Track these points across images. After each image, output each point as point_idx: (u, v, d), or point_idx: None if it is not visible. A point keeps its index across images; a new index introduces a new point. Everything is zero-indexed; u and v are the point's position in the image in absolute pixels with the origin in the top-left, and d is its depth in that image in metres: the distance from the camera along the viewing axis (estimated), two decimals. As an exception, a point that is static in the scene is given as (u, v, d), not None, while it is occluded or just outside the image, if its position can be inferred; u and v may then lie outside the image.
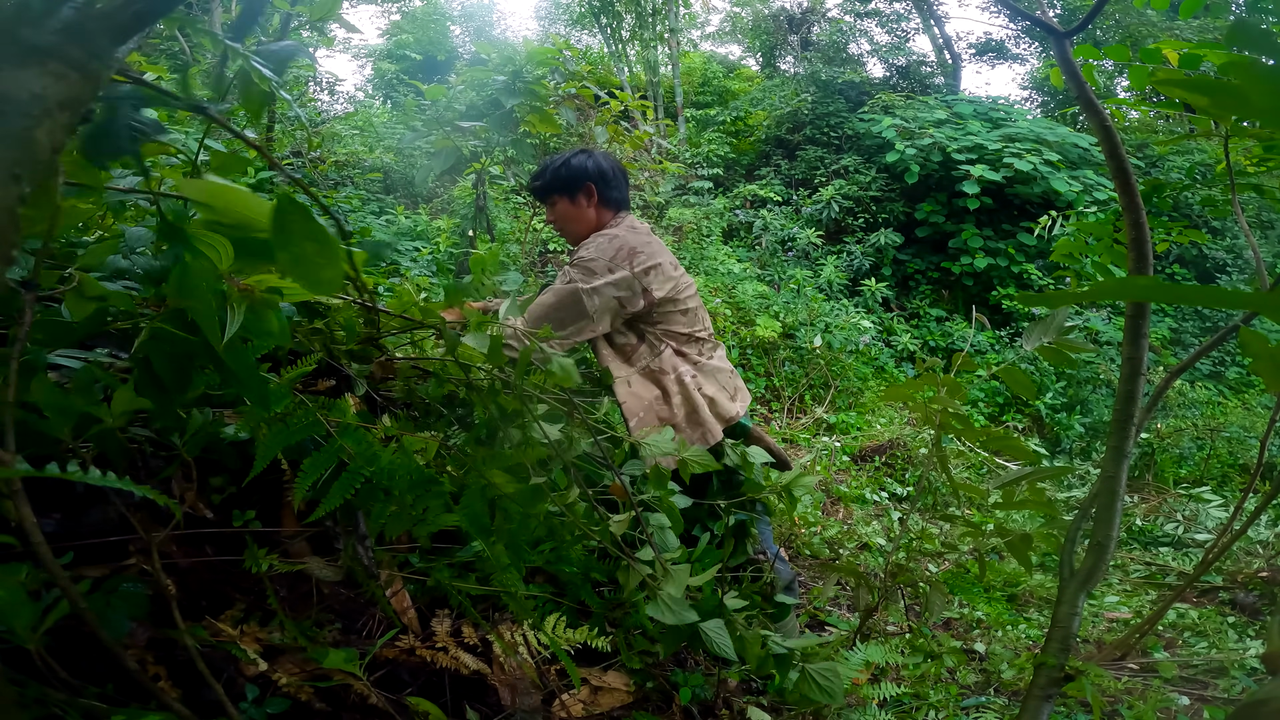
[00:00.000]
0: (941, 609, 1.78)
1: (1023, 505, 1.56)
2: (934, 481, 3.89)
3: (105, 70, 0.47)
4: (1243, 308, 0.38)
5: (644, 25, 10.61)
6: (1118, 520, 1.20)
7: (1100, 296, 0.43)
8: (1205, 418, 5.46)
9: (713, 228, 8.01)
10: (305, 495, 0.97)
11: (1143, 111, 5.13)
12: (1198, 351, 1.64)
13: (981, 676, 2.15)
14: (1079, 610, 1.21)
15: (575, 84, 4.12)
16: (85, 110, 0.53)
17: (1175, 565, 3.32)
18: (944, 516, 2.21)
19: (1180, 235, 2.51)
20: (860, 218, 8.35)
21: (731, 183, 9.41)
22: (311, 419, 0.97)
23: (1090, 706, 1.39)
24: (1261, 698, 0.50)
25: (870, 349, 6.32)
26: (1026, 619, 2.75)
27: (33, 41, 0.41)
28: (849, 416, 5.54)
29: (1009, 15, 11.59)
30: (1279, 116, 0.37)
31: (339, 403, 1.02)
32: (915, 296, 7.93)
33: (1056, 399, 6.12)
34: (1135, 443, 1.29)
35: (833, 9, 11.96)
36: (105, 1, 0.46)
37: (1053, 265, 3.06)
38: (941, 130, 8.25)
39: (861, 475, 4.48)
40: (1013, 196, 7.91)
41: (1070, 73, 1.14)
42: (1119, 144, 1.12)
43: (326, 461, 0.98)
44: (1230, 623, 2.64)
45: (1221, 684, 2.15)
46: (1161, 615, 2.37)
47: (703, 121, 10.64)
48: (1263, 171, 2.26)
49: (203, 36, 1.01)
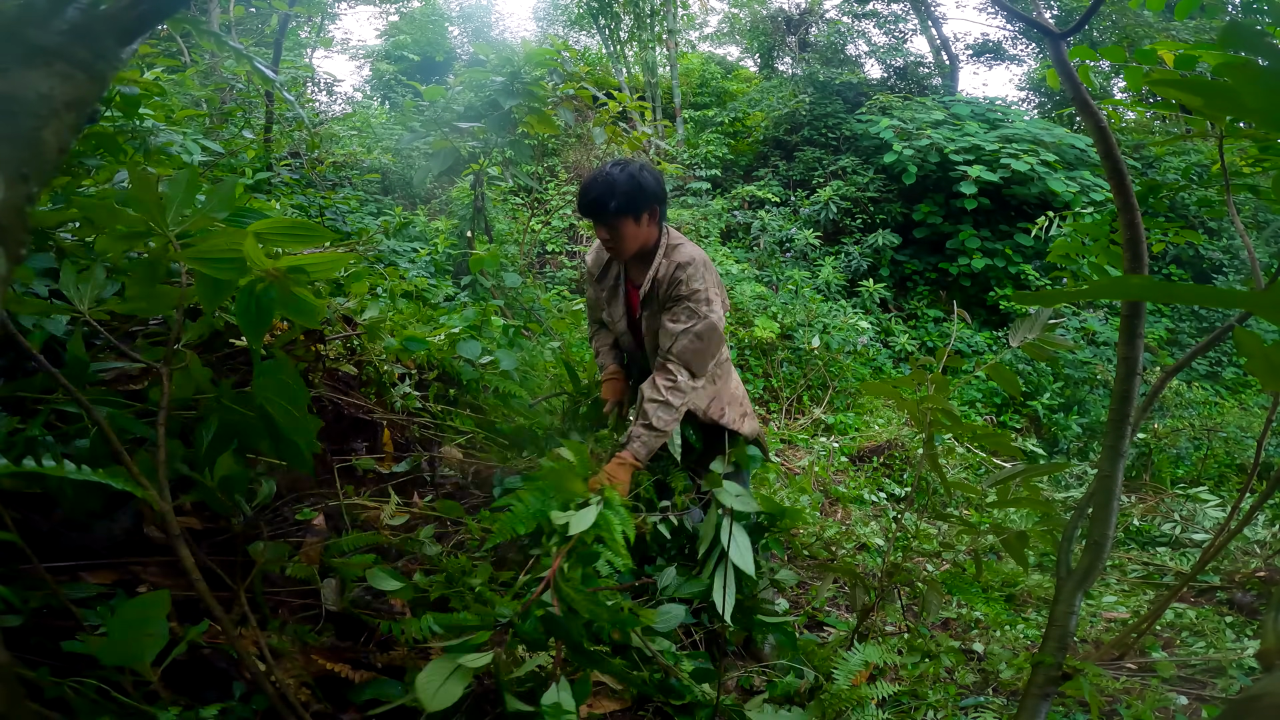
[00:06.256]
0: (939, 609, 1.78)
1: (1018, 503, 1.57)
2: (930, 481, 3.90)
3: (111, 71, 0.47)
4: (1238, 307, 0.39)
5: (642, 26, 10.62)
6: (1114, 519, 1.21)
7: (1096, 296, 0.43)
8: (1202, 418, 5.47)
9: (711, 229, 8.02)
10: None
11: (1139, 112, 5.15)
12: (1193, 351, 1.64)
13: (979, 676, 2.15)
14: (1076, 609, 1.22)
15: (573, 85, 4.12)
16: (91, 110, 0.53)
17: (1173, 565, 3.32)
18: (940, 516, 2.21)
19: (1176, 236, 2.52)
20: (858, 218, 8.36)
21: (729, 184, 9.42)
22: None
23: (1088, 705, 1.39)
24: (1256, 693, 0.50)
25: (868, 350, 6.32)
26: (1024, 619, 2.76)
27: (39, 43, 0.41)
28: (847, 417, 5.54)
29: (1006, 16, 11.62)
30: (1273, 117, 0.38)
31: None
32: (913, 297, 7.94)
33: (1054, 399, 6.13)
34: (1131, 442, 1.29)
35: (830, 10, 11.98)
36: (111, 3, 0.47)
37: (1050, 266, 3.07)
38: (939, 131, 8.26)
39: (859, 476, 4.48)
40: (1010, 197, 7.92)
41: (1066, 74, 1.15)
42: (1114, 145, 1.13)
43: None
44: (1228, 622, 2.64)
45: (1219, 683, 2.15)
46: (1159, 615, 2.38)
47: (701, 122, 10.65)
48: (1258, 172, 2.27)
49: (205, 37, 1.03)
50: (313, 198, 4.44)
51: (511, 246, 6.18)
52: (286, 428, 0.98)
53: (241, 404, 0.98)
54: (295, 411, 0.99)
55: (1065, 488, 4.53)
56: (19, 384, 1.09)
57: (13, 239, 0.38)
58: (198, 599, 1.08)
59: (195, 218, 0.93)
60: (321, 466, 1.63)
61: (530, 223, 6.40)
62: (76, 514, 1.02)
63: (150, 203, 0.89)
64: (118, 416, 0.99)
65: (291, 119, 5.27)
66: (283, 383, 0.97)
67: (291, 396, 0.99)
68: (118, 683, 0.89)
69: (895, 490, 4.37)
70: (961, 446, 4.55)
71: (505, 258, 5.35)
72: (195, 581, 0.90)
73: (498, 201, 6.94)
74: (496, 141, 4.16)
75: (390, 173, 7.93)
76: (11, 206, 0.36)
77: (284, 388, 0.98)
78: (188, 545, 0.99)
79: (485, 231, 4.95)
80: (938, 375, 1.70)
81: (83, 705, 0.84)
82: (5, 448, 0.96)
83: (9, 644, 0.82)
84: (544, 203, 8.50)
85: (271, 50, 4.52)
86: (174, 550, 0.97)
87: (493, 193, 6.27)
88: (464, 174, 5.04)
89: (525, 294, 4.53)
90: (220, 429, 0.98)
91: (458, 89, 7.32)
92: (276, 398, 0.98)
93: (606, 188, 1.88)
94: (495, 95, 3.90)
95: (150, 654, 0.82)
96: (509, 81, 3.85)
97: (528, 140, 4.86)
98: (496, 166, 4.88)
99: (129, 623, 0.81)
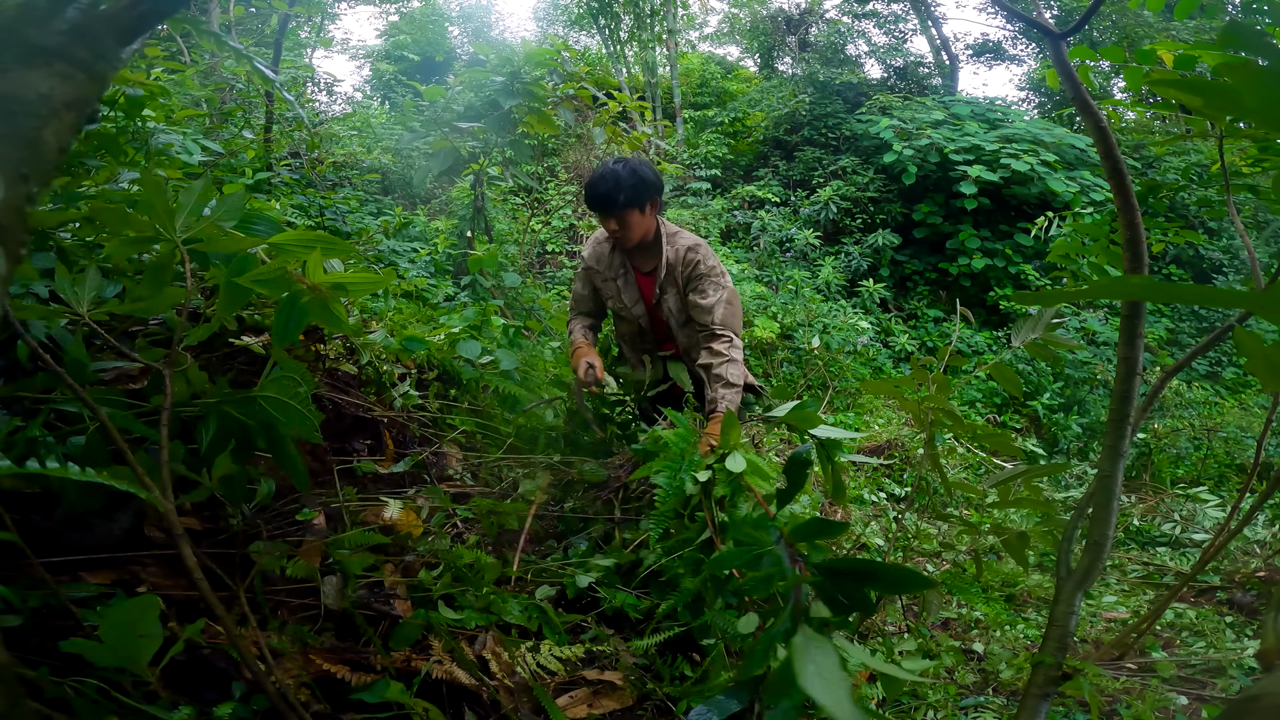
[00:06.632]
0: (939, 609, 1.78)
1: (1018, 503, 1.57)
2: (930, 481, 3.90)
3: (111, 71, 0.47)
4: (1238, 307, 0.39)
5: (642, 26, 10.62)
6: (1114, 519, 1.21)
7: (1096, 295, 0.43)
8: (1202, 418, 5.47)
9: (711, 228, 8.01)
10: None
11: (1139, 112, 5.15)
12: (1193, 351, 1.64)
13: (980, 676, 2.15)
14: (1076, 609, 1.21)
15: (573, 85, 4.12)
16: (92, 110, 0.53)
17: (1173, 565, 3.32)
18: (940, 516, 2.21)
19: (1176, 236, 2.52)
20: (858, 218, 8.36)
21: (729, 184, 9.42)
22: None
23: (1088, 706, 1.39)
24: (1255, 693, 0.50)
25: (868, 350, 6.32)
26: (1024, 619, 2.76)
27: (39, 42, 0.41)
28: (847, 417, 5.54)
29: (1006, 16, 11.62)
30: (1273, 117, 0.38)
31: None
32: (913, 297, 7.94)
33: (1054, 399, 6.13)
34: (1131, 442, 1.29)
35: (830, 10, 11.99)
36: (111, 3, 0.47)
37: (1049, 266, 3.07)
38: (939, 131, 8.27)
39: (860, 476, 4.48)
40: (1010, 197, 7.92)
41: (1066, 74, 1.15)
42: (1114, 144, 1.13)
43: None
44: (1228, 622, 2.64)
45: (1219, 683, 2.15)
46: (1159, 615, 2.37)
47: (701, 122, 10.65)
48: (1258, 172, 2.27)
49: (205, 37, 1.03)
50: (313, 198, 4.44)
51: (511, 246, 6.18)
52: (284, 433, 0.99)
53: (242, 406, 0.99)
54: (299, 408, 0.99)
55: (1065, 488, 4.53)
56: (19, 384, 1.09)
57: (13, 239, 0.38)
58: (198, 599, 1.08)
59: (204, 224, 0.94)
60: (321, 466, 1.63)
61: (530, 223, 6.40)
62: (77, 514, 1.03)
63: (160, 208, 0.90)
64: (118, 416, 0.99)
65: (291, 119, 5.27)
66: (288, 384, 0.98)
67: (296, 395, 1.00)
68: (118, 683, 0.89)
69: (895, 490, 4.37)
70: (962, 446, 4.55)
71: (505, 258, 5.35)
72: (197, 581, 0.90)
73: (498, 201, 6.94)
74: (496, 141, 4.16)
75: (390, 173, 7.93)
76: (11, 206, 0.36)
77: (289, 388, 0.99)
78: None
79: (485, 231, 4.95)
80: (939, 375, 1.70)
81: (83, 705, 0.84)
82: (5, 448, 0.96)
83: (9, 644, 0.82)
84: (544, 203, 8.50)
85: (271, 50, 4.52)
86: (176, 550, 0.97)
87: (493, 193, 6.27)
88: (464, 174, 5.04)
89: (525, 294, 4.53)
90: (220, 429, 0.99)
91: (458, 89, 7.32)
92: (280, 395, 0.99)
93: (614, 183, 2.08)
94: (495, 95, 3.90)
95: (145, 656, 0.82)
96: (509, 81, 3.85)
97: (528, 140, 4.86)
98: (496, 166, 4.87)
99: (121, 625, 0.81)
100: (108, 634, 0.80)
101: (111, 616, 0.81)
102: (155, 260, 0.99)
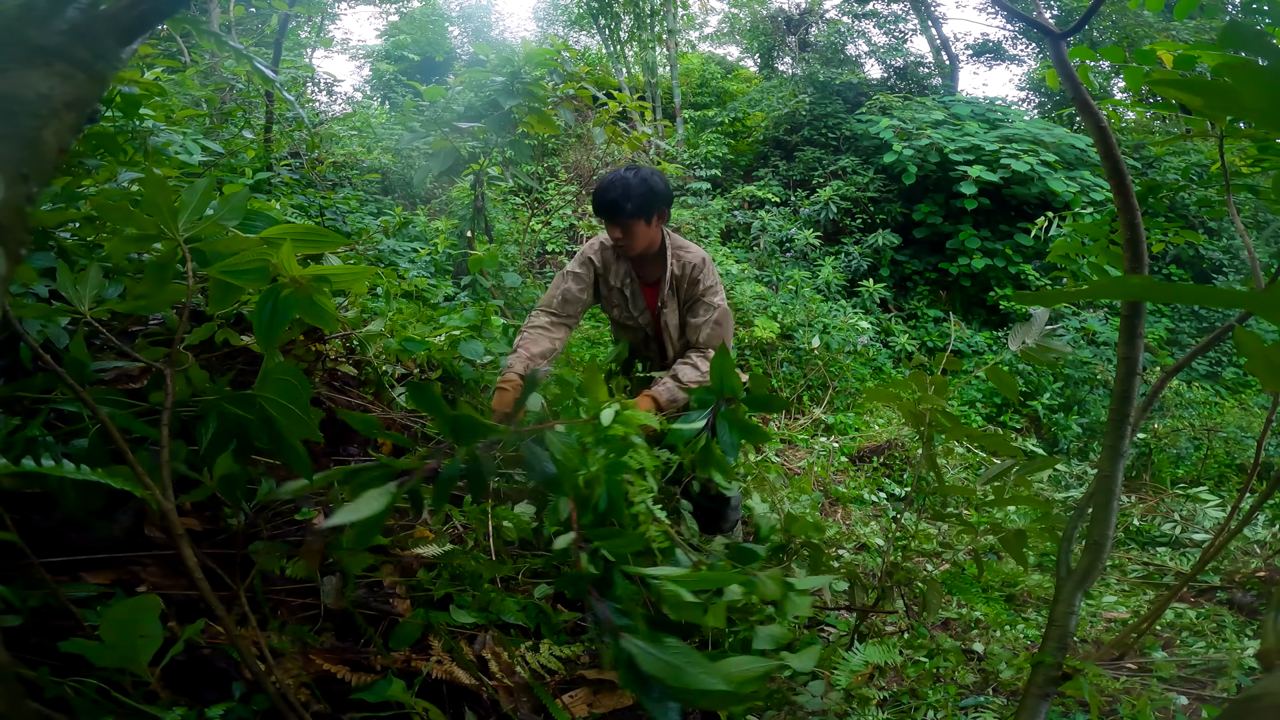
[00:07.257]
0: (939, 608, 1.78)
1: (1013, 501, 1.57)
2: (929, 481, 3.90)
3: (111, 71, 0.47)
4: (1238, 307, 0.39)
5: (642, 26, 10.62)
6: (1114, 519, 1.21)
7: (1095, 295, 0.43)
8: (1202, 418, 5.47)
9: (711, 228, 8.01)
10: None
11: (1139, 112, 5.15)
12: (1193, 351, 1.64)
13: (980, 676, 2.15)
14: (1076, 609, 1.22)
15: (573, 85, 4.12)
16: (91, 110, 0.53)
17: (1173, 565, 3.32)
18: (940, 516, 2.22)
19: (1176, 236, 2.52)
20: (858, 218, 8.36)
21: (729, 184, 9.42)
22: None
23: (1088, 705, 1.39)
24: (1256, 693, 0.50)
25: (868, 350, 6.32)
26: (1024, 619, 2.76)
27: (39, 42, 0.41)
28: (847, 417, 5.54)
29: (1006, 16, 11.62)
30: (1273, 117, 0.38)
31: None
32: (913, 297, 7.94)
33: (1054, 399, 6.13)
34: (1131, 442, 1.29)
35: (830, 10, 11.98)
36: (111, 3, 0.47)
37: (1050, 266, 3.07)
38: (939, 131, 8.26)
39: (860, 476, 4.48)
40: (1010, 197, 7.92)
41: (1066, 74, 1.15)
42: (1114, 145, 1.13)
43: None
44: (1228, 622, 2.64)
45: (1219, 683, 2.15)
46: (1159, 615, 2.37)
47: (701, 122, 10.65)
48: (1258, 172, 2.27)
49: (205, 37, 1.04)
50: (313, 198, 4.44)
51: (511, 246, 6.18)
52: (286, 430, 0.99)
53: (242, 405, 0.99)
54: (298, 410, 0.99)
55: (1065, 488, 4.53)
56: (19, 384, 1.09)
57: (13, 239, 0.38)
58: (198, 599, 1.08)
59: (206, 223, 0.94)
60: (321, 467, 1.63)
61: (530, 223, 6.40)
62: (77, 513, 1.03)
63: (164, 207, 0.90)
64: (118, 416, 0.99)
65: (291, 119, 5.27)
66: (286, 386, 0.98)
67: (294, 397, 1.00)
68: (118, 683, 0.89)
69: (895, 490, 4.37)
70: (961, 447, 4.55)
71: (505, 258, 5.36)
72: (197, 581, 0.90)
73: (498, 201, 6.94)
74: (496, 141, 4.16)
75: (390, 173, 7.93)
76: (11, 206, 0.36)
77: (287, 390, 0.99)
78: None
79: (485, 231, 4.95)
80: (937, 377, 1.70)
81: (83, 705, 0.84)
82: (5, 448, 0.96)
83: (9, 644, 0.82)
84: (544, 203, 8.50)
85: (271, 50, 4.52)
86: (176, 550, 0.97)
87: (493, 193, 6.27)
88: (464, 174, 5.04)
89: (525, 294, 4.53)
90: (220, 429, 0.99)
91: (458, 89, 7.32)
92: (279, 398, 0.99)
93: (623, 190, 2.06)
94: (495, 95, 3.90)
95: (145, 656, 0.82)
96: (509, 81, 3.85)
97: (528, 140, 4.86)
98: (496, 166, 4.87)
99: (121, 625, 0.81)
100: (108, 634, 0.80)
101: (111, 616, 0.80)
102: (157, 258, 0.99)
